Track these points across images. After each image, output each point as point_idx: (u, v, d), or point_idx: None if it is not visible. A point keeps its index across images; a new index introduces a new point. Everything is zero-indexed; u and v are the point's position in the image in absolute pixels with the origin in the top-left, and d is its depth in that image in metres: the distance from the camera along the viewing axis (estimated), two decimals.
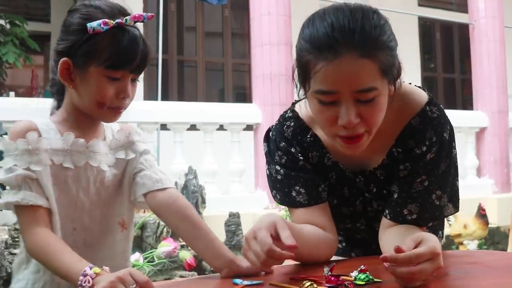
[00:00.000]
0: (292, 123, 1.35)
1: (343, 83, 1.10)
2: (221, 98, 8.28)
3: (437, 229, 1.47)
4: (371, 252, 1.39)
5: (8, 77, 7.74)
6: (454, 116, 6.59)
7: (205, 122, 5.40)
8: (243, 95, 8.34)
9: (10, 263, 3.45)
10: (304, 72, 1.15)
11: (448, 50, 9.97)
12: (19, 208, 1.16)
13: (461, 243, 5.53)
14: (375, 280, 1.03)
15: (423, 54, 9.61)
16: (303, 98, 1.34)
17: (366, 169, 1.32)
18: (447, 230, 5.64)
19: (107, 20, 1.15)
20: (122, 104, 1.22)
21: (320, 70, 1.10)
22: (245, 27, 7.85)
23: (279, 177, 1.33)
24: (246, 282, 1.03)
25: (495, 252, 1.57)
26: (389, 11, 6.69)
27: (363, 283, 1.01)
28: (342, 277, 1.02)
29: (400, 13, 7.32)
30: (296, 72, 1.20)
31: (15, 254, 3.51)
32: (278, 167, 1.33)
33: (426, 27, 9.68)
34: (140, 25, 1.25)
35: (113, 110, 1.22)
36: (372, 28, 1.11)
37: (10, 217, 4.04)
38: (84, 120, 1.26)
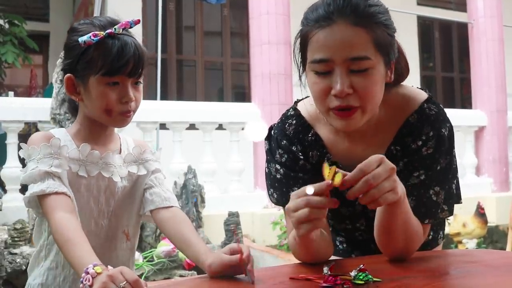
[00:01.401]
0: (294, 121, 1.36)
1: (336, 49, 1.14)
2: (220, 98, 8.28)
3: (437, 229, 1.47)
4: (372, 253, 1.40)
5: (7, 76, 7.74)
6: (453, 115, 6.60)
7: (204, 122, 5.40)
8: (242, 95, 8.34)
9: (10, 263, 3.45)
10: (302, 44, 1.21)
11: (447, 49, 9.97)
12: (43, 198, 1.20)
13: (460, 242, 5.53)
14: (374, 279, 1.03)
15: (422, 53, 9.61)
16: (306, 97, 1.34)
17: None
18: (446, 229, 5.64)
19: (97, 32, 1.24)
20: (128, 108, 1.28)
21: (315, 38, 1.16)
22: (244, 26, 7.84)
23: (278, 176, 1.34)
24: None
25: (494, 251, 1.57)
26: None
27: (362, 282, 1.02)
28: (340, 276, 1.02)
29: (399, 12, 7.31)
30: (296, 51, 1.24)
31: (15, 254, 3.51)
32: (278, 166, 1.34)
33: (425, 26, 9.67)
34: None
35: (122, 115, 1.29)
36: (368, 3, 1.17)
37: (10, 217, 4.05)
38: (98, 131, 1.34)
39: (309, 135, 1.35)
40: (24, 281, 1.36)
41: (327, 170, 1.04)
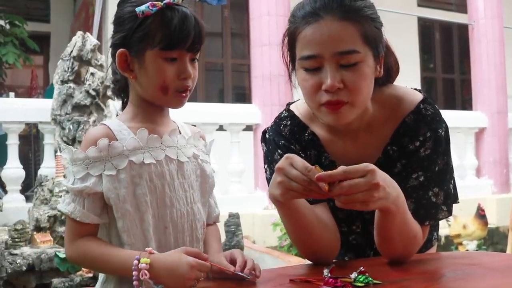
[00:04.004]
0: (289, 122, 1.37)
1: (324, 44, 1.16)
2: (221, 99, 8.28)
3: (432, 230, 1.47)
4: (365, 257, 1.40)
5: (8, 77, 7.75)
6: (454, 116, 6.63)
7: (205, 123, 5.41)
8: (243, 96, 8.34)
9: (11, 263, 3.45)
10: (290, 42, 1.24)
11: (447, 51, 9.97)
12: (68, 217, 1.15)
13: (460, 244, 5.53)
14: (374, 281, 1.03)
15: (423, 55, 9.61)
16: (298, 100, 1.34)
17: None
18: (446, 231, 5.66)
19: (154, 1, 1.13)
20: (185, 86, 1.18)
21: (302, 35, 1.18)
22: (244, 27, 7.85)
23: None
24: None
25: (494, 253, 1.57)
26: (388, 12, 6.70)
27: (362, 284, 1.02)
28: (341, 279, 1.02)
29: (399, 14, 7.32)
30: (285, 49, 1.27)
31: (15, 254, 3.52)
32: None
33: (426, 28, 9.67)
34: None
35: (178, 94, 1.18)
36: None
37: (11, 217, 4.05)
38: (154, 111, 1.22)
39: (306, 134, 1.35)
40: (24, 282, 1.33)
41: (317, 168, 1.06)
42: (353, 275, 1.04)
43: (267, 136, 1.39)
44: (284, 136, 1.35)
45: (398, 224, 1.16)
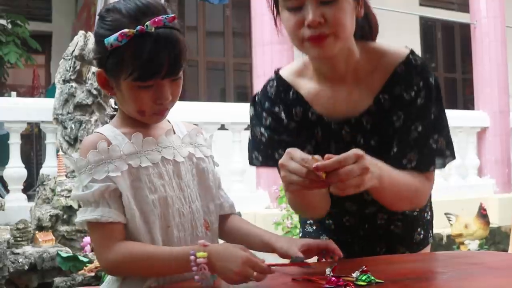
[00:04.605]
0: (275, 83, 1.42)
1: None
2: (222, 98, 8.28)
3: (428, 228, 1.48)
4: (358, 237, 1.43)
5: (10, 77, 7.75)
6: (455, 116, 6.63)
7: (207, 122, 5.40)
8: (245, 95, 8.34)
9: (13, 263, 3.46)
10: None
11: (449, 50, 9.96)
12: (94, 226, 1.11)
13: (462, 243, 5.52)
14: (377, 281, 1.03)
15: (424, 54, 9.59)
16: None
17: (351, 116, 1.35)
18: (448, 230, 5.65)
19: (125, 31, 1.07)
20: (162, 109, 1.17)
21: None
22: (246, 26, 7.85)
23: (263, 139, 1.39)
24: None
25: (496, 253, 1.57)
26: (390, 11, 6.69)
27: (365, 283, 1.02)
28: (343, 278, 1.02)
29: (401, 13, 7.32)
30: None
31: (17, 253, 3.52)
32: (262, 130, 1.39)
33: (428, 27, 9.67)
34: None
35: (155, 116, 1.18)
36: None
37: (13, 216, 4.05)
38: None
39: (290, 93, 1.40)
40: (26, 281, 1.32)
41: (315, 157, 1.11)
42: (355, 274, 1.04)
43: (256, 99, 1.45)
44: (270, 98, 1.41)
45: (390, 192, 1.24)
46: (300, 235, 1.59)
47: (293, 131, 1.37)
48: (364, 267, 1.05)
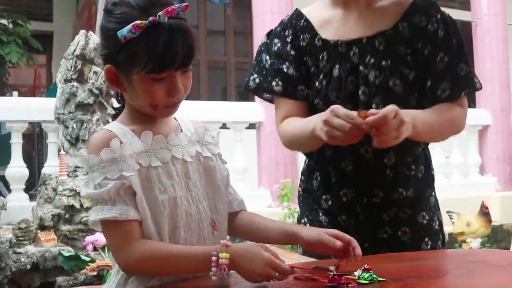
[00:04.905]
0: (292, 14, 1.55)
1: None
2: (224, 97, 8.28)
3: (439, 230, 1.48)
4: (355, 214, 1.44)
5: (11, 76, 7.76)
6: None
7: (208, 121, 5.39)
8: (246, 94, 8.34)
9: (15, 262, 3.46)
10: None
11: None
12: (111, 224, 1.08)
13: (464, 241, 5.52)
14: (379, 279, 1.03)
15: None
16: None
17: (363, 37, 1.42)
18: (450, 228, 5.64)
19: (138, 23, 1.05)
20: (175, 102, 1.15)
21: None
22: (247, 25, 7.84)
23: (266, 65, 1.51)
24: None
25: (498, 251, 1.57)
26: None
27: (367, 282, 1.02)
28: (345, 276, 1.02)
29: None
30: None
31: (19, 253, 3.53)
32: (268, 57, 1.51)
33: None
34: None
35: (167, 109, 1.16)
36: None
37: (15, 216, 4.06)
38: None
39: (302, 20, 1.50)
40: (29, 280, 1.31)
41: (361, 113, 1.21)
42: (357, 272, 1.04)
43: (272, 31, 1.55)
44: (283, 22, 1.53)
45: (426, 133, 1.35)
46: None
47: (293, 61, 1.46)
48: (366, 265, 1.05)
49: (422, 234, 1.45)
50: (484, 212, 5.54)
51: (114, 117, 1.24)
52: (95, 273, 3.46)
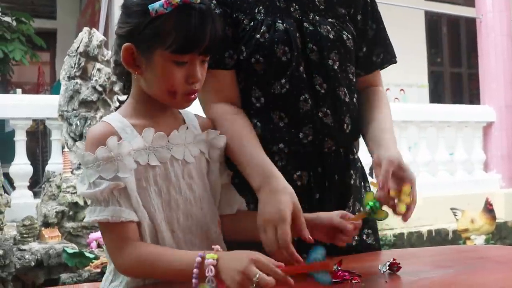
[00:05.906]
0: None
1: None
2: None
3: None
4: (315, 201, 1.29)
5: (15, 74, 7.78)
6: (461, 110, 6.59)
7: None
8: None
9: (19, 259, 3.47)
10: None
11: (455, 45, 9.91)
12: (105, 225, 1.06)
13: (468, 238, 5.51)
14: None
15: (430, 49, 9.56)
16: None
17: None
18: (454, 225, 5.63)
19: None
20: (193, 89, 1.11)
21: None
22: None
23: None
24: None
25: (502, 247, 1.57)
26: (396, 6, 6.66)
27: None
28: (350, 271, 1.02)
29: (407, 8, 7.28)
30: None
31: (24, 250, 3.54)
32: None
33: (433, 22, 9.62)
34: None
35: (186, 97, 1.12)
36: None
37: (19, 213, 4.07)
38: (157, 106, 1.15)
39: None
40: (33, 277, 1.28)
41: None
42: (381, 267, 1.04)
43: None
44: None
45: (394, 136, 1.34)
46: None
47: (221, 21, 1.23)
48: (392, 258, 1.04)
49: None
50: (488, 209, 5.52)
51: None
52: (99, 270, 3.47)
